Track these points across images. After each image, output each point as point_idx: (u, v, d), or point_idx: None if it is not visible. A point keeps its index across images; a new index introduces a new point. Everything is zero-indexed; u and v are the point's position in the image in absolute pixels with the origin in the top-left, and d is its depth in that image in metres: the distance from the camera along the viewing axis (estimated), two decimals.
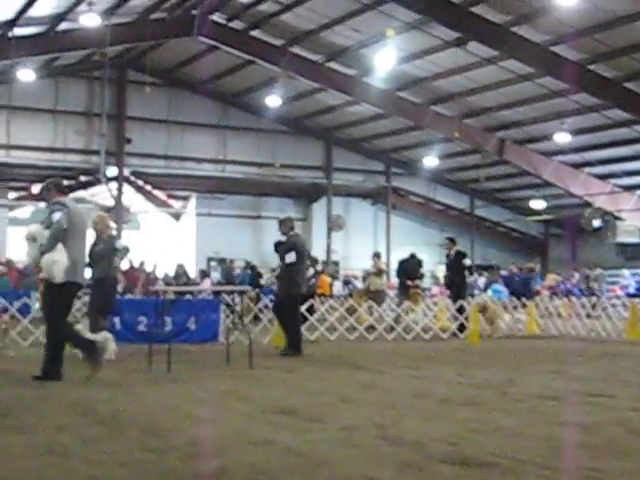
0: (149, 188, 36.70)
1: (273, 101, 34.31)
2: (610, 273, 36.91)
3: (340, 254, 40.51)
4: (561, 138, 32.82)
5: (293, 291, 14.80)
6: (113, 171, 35.52)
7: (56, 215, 10.13)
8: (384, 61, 28.77)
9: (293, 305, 14.92)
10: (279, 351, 14.84)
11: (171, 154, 37.28)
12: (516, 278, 27.57)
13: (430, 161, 38.20)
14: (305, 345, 15.06)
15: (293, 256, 14.65)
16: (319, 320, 18.84)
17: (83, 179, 35.71)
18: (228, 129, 38.46)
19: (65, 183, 37.02)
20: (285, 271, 14.88)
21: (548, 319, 22.20)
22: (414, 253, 23.92)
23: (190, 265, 34.43)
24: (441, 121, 34.65)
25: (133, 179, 36.14)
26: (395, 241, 40.16)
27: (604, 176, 36.11)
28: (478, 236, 43.37)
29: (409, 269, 23.29)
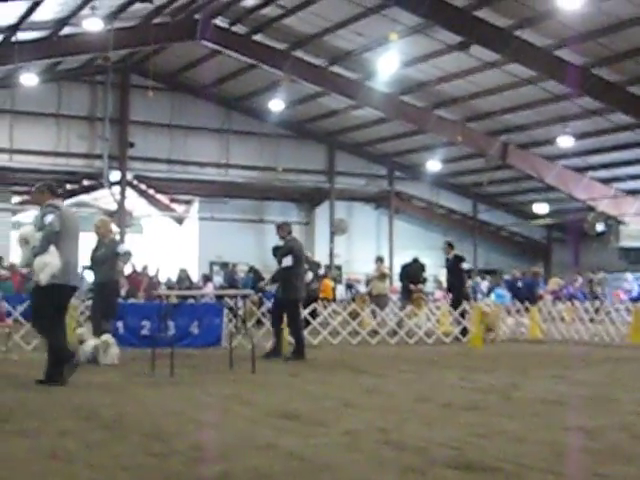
0: (152, 192, 36.73)
1: (276, 105, 34.32)
2: (613, 277, 36.84)
3: (343, 258, 40.49)
4: (564, 142, 32.81)
5: (292, 295, 14.79)
6: (116, 175, 35.54)
7: (48, 217, 10.12)
8: (387, 65, 28.78)
9: (293, 309, 14.90)
10: (282, 356, 14.83)
11: (174, 158, 37.32)
12: (518, 282, 27.52)
13: (433, 165, 38.17)
14: (308, 349, 15.04)
15: (290, 260, 14.65)
16: (322, 324, 18.84)
17: (86, 183, 35.76)
18: (231, 133, 38.48)
19: (68, 187, 36.81)
20: (283, 275, 14.87)
21: (551, 323, 22.17)
22: (417, 257, 23.90)
23: (193, 269, 34.43)
24: (444, 125, 34.65)
25: (136, 183, 36.16)
26: (398, 245, 40.15)
27: (607, 180, 36.13)
28: (481, 240, 43.38)
29: (412, 273, 23.27)
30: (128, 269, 25.33)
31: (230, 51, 31.50)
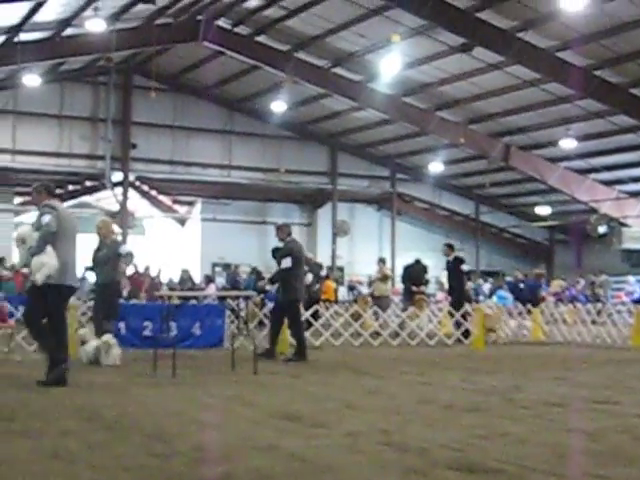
0: (154, 193, 36.76)
1: (278, 106, 34.34)
2: (615, 279, 36.87)
3: (345, 260, 40.51)
4: (567, 144, 32.83)
5: (292, 297, 14.77)
6: (118, 176, 35.59)
7: (45, 218, 10.12)
8: (389, 67, 28.78)
9: (293, 310, 14.89)
10: (284, 357, 14.83)
11: (176, 159, 37.35)
12: (520, 284, 27.49)
13: (435, 167, 38.18)
14: (310, 351, 15.03)
15: (289, 261, 14.65)
16: (324, 326, 18.83)
17: (88, 184, 35.81)
18: (233, 134, 38.51)
19: (70, 188, 36.76)
20: (282, 277, 14.87)
21: (553, 325, 22.16)
22: (419, 259, 23.88)
23: (195, 270, 34.43)
24: (446, 127, 34.66)
25: (138, 184, 36.20)
26: (400, 247, 40.16)
27: (610, 182, 36.12)
28: (483, 242, 43.39)
29: (414, 275, 23.25)
30: (130, 270, 25.35)
31: (233, 52, 31.52)
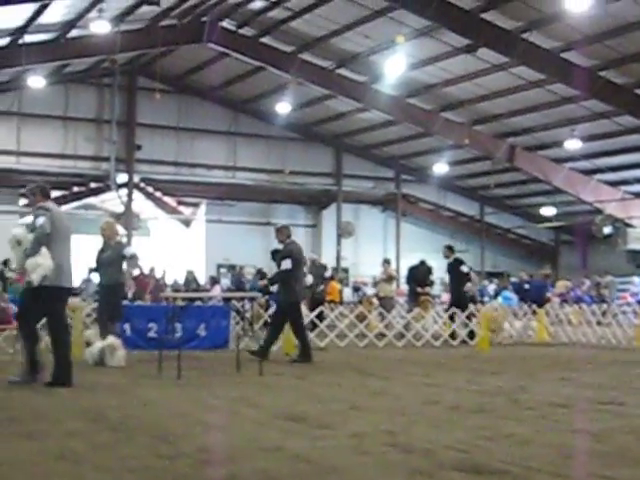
0: (159, 195, 36.77)
1: (283, 108, 34.34)
2: (621, 280, 36.80)
3: (350, 261, 40.50)
4: (572, 145, 32.78)
5: (292, 298, 14.76)
6: (123, 178, 35.60)
7: (39, 219, 10.16)
8: (394, 68, 28.76)
9: (293, 312, 14.86)
10: (289, 358, 14.84)
11: (181, 161, 37.35)
12: (525, 285, 27.48)
13: (440, 168, 38.14)
14: (315, 352, 15.04)
15: (289, 263, 14.65)
16: (329, 327, 18.83)
17: (93, 186, 35.81)
18: (238, 136, 38.51)
19: (75, 190, 36.68)
20: (282, 278, 14.86)
21: (558, 326, 22.15)
22: (424, 260, 23.89)
23: (200, 272, 34.44)
24: (451, 128, 34.64)
25: (143, 186, 36.21)
26: (405, 248, 40.13)
27: (615, 183, 36.06)
28: (488, 243, 43.38)
29: (419, 276, 23.26)
30: (136, 271, 25.34)
31: (237, 54, 31.51)
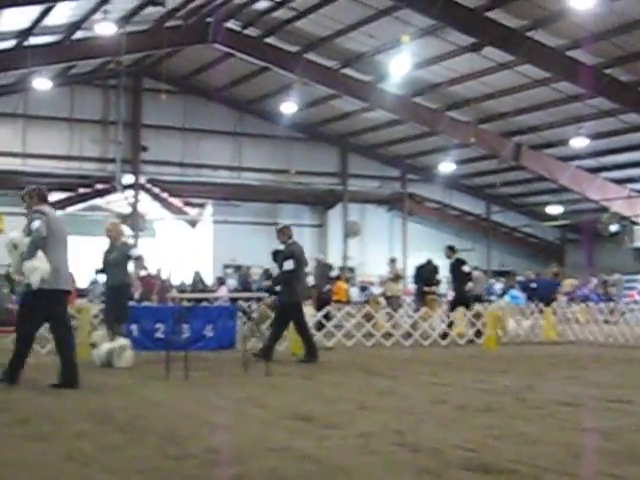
0: (165, 195, 36.79)
1: (288, 108, 34.33)
2: (627, 278, 36.74)
3: (356, 260, 40.49)
4: (578, 143, 32.73)
5: (293, 299, 14.75)
6: (129, 179, 35.65)
7: (35, 223, 10.17)
8: (399, 67, 28.76)
9: (296, 313, 14.84)
10: (296, 358, 14.84)
11: (187, 161, 37.39)
12: (532, 284, 27.41)
13: (446, 167, 38.11)
14: (322, 352, 15.04)
15: (291, 264, 14.65)
16: (336, 327, 18.81)
17: (99, 187, 35.83)
18: (243, 136, 38.54)
19: (81, 191, 36.70)
20: (284, 279, 14.86)
21: (565, 325, 22.12)
22: (430, 259, 23.86)
23: (207, 272, 34.44)
24: (457, 127, 34.62)
25: (149, 187, 36.24)
26: (411, 247, 40.12)
27: (621, 181, 36.02)
28: (494, 242, 43.33)
29: (425, 275, 23.23)
30: (142, 272, 25.40)
31: (242, 54, 31.55)
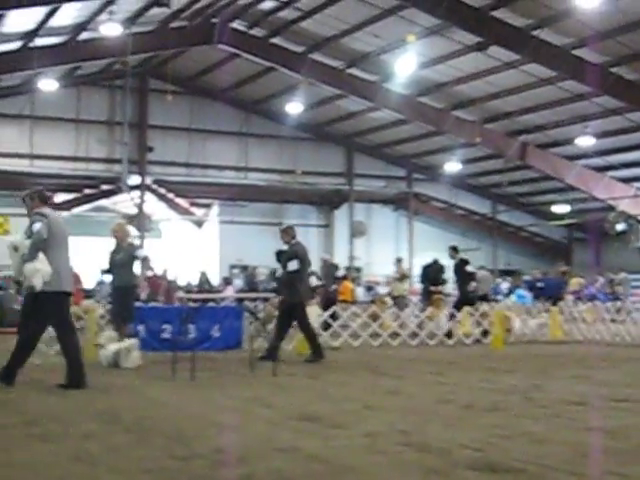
0: (171, 196, 36.84)
1: (294, 108, 34.36)
2: (634, 277, 36.64)
3: (362, 260, 40.50)
4: (584, 142, 32.67)
5: (296, 299, 14.75)
6: (135, 179, 35.70)
7: (36, 225, 10.18)
8: (405, 67, 28.75)
9: (299, 312, 14.85)
10: (303, 358, 14.84)
11: (193, 162, 37.44)
12: (538, 283, 27.38)
13: (452, 166, 38.10)
14: (328, 352, 15.03)
15: (295, 264, 14.66)
16: (342, 326, 18.80)
17: (105, 188, 35.91)
18: (249, 136, 38.57)
19: (87, 192, 36.78)
20: (288, 279, 14.86)
21: (572, 324, 22.08)
22: (437, 259, 23.84)
23: (213, 272, 34.48)
24: (463, 126, 34.59)
25: (155, 187, 36.30)
26: (417, 247, 40.13)
27: (628, 179, 35.94)
28: (501, 241, 43.28)
29: (432, 275, 23.21)
30: (149, 273, 25.42)
31: (248, 54, 31.57)
